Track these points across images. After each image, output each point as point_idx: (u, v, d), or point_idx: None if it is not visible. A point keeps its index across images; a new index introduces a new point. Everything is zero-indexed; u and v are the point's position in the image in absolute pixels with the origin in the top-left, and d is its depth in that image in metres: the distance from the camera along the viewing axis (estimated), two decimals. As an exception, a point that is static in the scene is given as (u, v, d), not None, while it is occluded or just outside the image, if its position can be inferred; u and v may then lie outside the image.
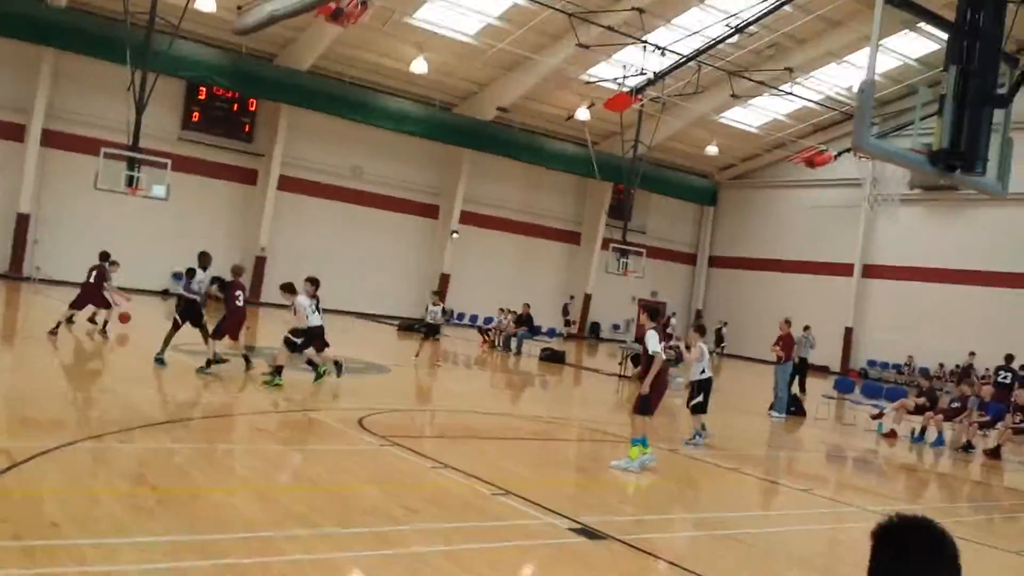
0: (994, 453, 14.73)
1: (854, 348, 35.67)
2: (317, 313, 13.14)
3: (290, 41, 29.08)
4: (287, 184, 31.22)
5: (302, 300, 13.09)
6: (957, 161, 6.44)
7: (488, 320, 29.24)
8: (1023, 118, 10.50)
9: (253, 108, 31.18)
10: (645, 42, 26.47)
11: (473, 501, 7.35)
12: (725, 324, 37.93)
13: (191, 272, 13.33)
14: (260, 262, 30.46)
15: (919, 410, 15.96)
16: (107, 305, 16.40)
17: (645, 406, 9.49)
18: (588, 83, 30.83)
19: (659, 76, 27.72)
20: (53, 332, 14.75)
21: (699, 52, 27.17)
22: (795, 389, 18.76)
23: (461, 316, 33.44)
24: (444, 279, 34.55)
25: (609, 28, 26.10)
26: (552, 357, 24.19)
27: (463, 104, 33.52)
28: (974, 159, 6.44)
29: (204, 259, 13.45)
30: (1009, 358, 19.99)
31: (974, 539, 8.45)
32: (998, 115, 6.95)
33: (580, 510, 7.34)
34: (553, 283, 38.54)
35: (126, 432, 8.19)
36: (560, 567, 6.02)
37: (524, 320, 26.97)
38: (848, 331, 35.50)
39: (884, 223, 34.94)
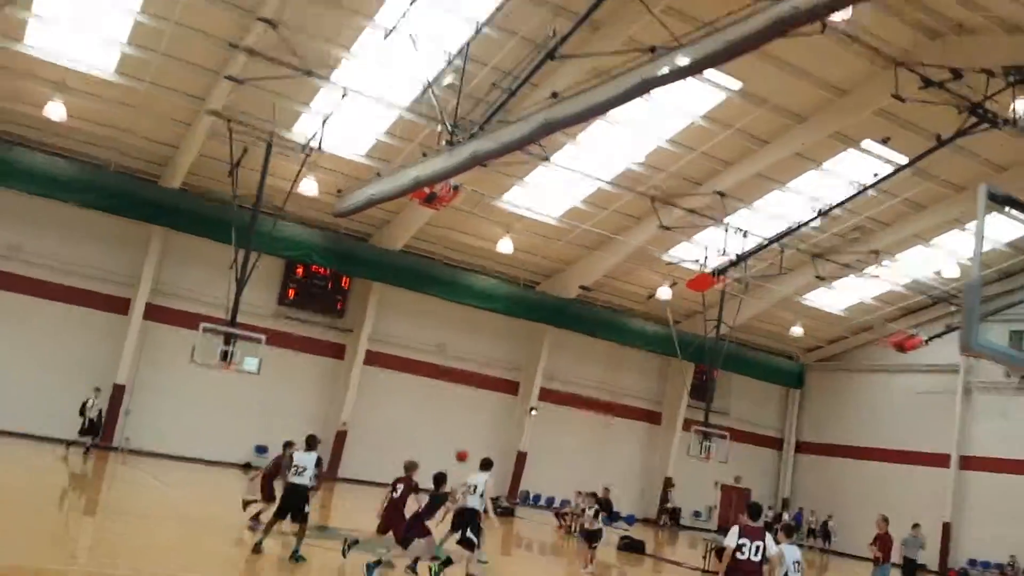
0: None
1: (953, 546, 33.09)
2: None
3: (384, 222, 30.38)
4: (373, 359, 31.72)
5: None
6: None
7: (564, 503, 28.30)
8: None
9: (346, 285, 32.24)
10: (727, 224, 26.87)
11: None
12: (831, 517, 36.00)
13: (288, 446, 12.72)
14: (340, 436, 30.55)
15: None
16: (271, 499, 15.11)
17: None
18: (670, 263, 31.18)
19: (741, 258, 27.95)
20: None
21: (782, 235, 27.43)
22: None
23: (537, 498, 32.56)
24: (520, 457, 33.93)
25: (691, 211, 26.64)
26: (631, 546, 23.01)
27: (546, 282, 34.14)
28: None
29: (311, 441, 12.74)
30: None
31: None
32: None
33: None
34: (632, 464, 37.41)
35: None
36: None
37: (604, 505, 25.97)
38: (946, 527, 33.08)
39: (981, 412, 33.31)
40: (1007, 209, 7.66)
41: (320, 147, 23.88)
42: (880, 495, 32.61)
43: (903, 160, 24.49)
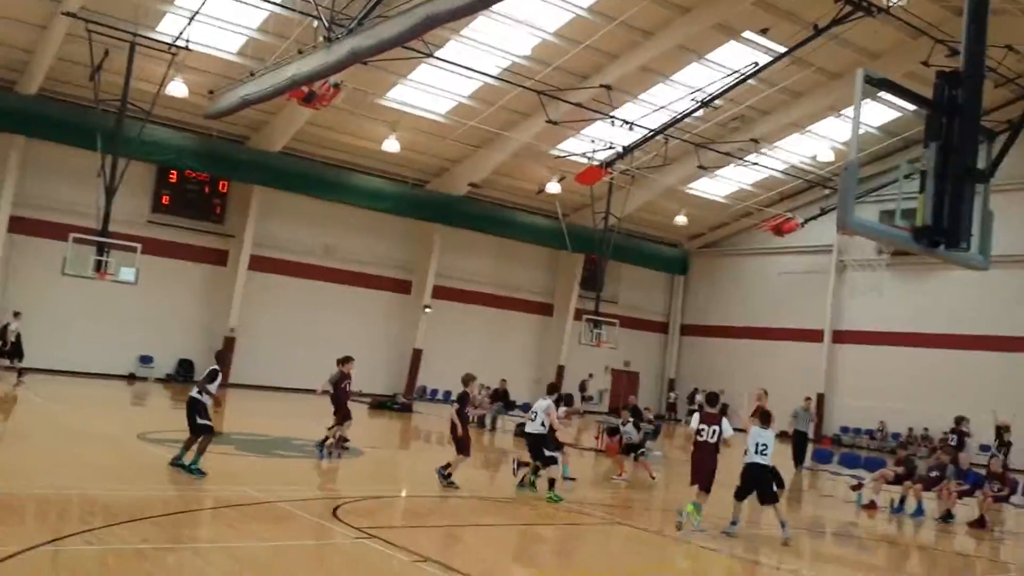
0: (979, 523, 14.51)
1: (826, 415, 35.57)
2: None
3: (262, 124, 29.24)
4: (258, 264, 30.98)
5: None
6: (941, 237, 6.43)
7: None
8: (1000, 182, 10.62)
9: (225, 190, 31.12)
10: (613, 117, 26.97)
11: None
12: (696, 391, 38.07)
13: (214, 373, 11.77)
14: (229, 343, 30.01)
15: (898, 480, 15.77)
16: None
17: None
18: (558, 157, 31.24)
19: (628, 150, 28.23)
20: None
21: (666, 126, 27.77)
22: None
23: (435, 392, 33.07)
24: (416, 354, 34.23)
25: (578, 105, 26.56)
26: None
27: (435, 180, 33.75)
28: (957, 235, 6.43)
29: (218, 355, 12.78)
30: (959, 420, 19.36)
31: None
32: (979, 188, 6.98)
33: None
34: (526, 355, 38.31)
35: (92, 532, 7.78)
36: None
37: (499, 395, 26.66)
38: (820, 397, 35.48)
39: (860, 288, 35.33)
40: (880, 94, 7.96)
41: (188, 46, 22.58)
42: (761, 371, 34.45)
43: (782, 50, 24.92)
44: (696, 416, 11.38)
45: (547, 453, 12.65)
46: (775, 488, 11.12)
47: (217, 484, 10.98)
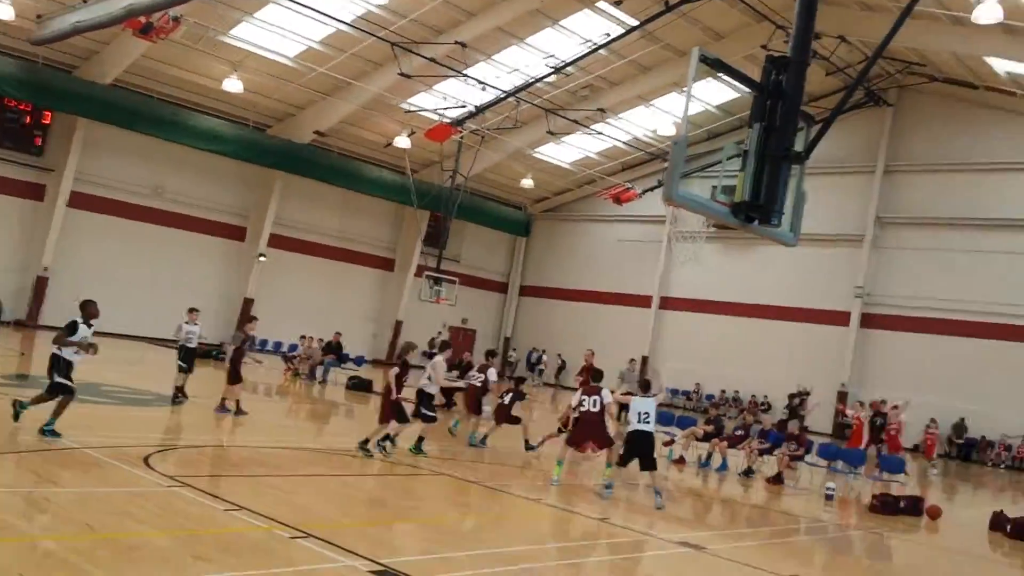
0: (776, 479, 15.74)
1: (648, 375, 37.36)
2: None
3: (92, 53, 27.19)
4: (79, 201, 28.92)
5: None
6: (756, 213, 6.80)
7: (293, 348, 28.22)
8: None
9: (47, 121, 28.80)
10: (467, 76, 26.82)
11: (269, 545, 6.95)
12: (544, 352, 39.06)
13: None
14: (41, 282, 27.99)
15: (706, 437, 16.83)
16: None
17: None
18: (409, 112, 30.79)
19: (479, 109, 28.18)
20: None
21: (518, 89, 27.88)
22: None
23: (264, 343, 32.11)
24: (247, 303, 33.09)
25: (431, 60, 26.22)
26: (359, 386, 23.56)
27: (278, 126, 32.48)
28: (771, 211, 6.82)
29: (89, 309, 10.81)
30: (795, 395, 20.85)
31: (754, 564, 8.90)
32: (794, 170, 7.42)
33: (382, 551, 7.11)
34: (364, 309, 37.89)
35: None
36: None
37: (333, 348, 26.26)
38: (644, 360, 37.16)
39: (682, 258, 37.14)
40: (720, 74, 8.33)
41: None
42: (593, 334, 35.75)
43: (634, 22, 25.49)
44: (579, 392, 12.42)
45: (424, 412, 13.02)
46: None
47: (18, 430, 10.24)
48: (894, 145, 32.24)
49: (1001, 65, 26.90)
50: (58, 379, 10.39)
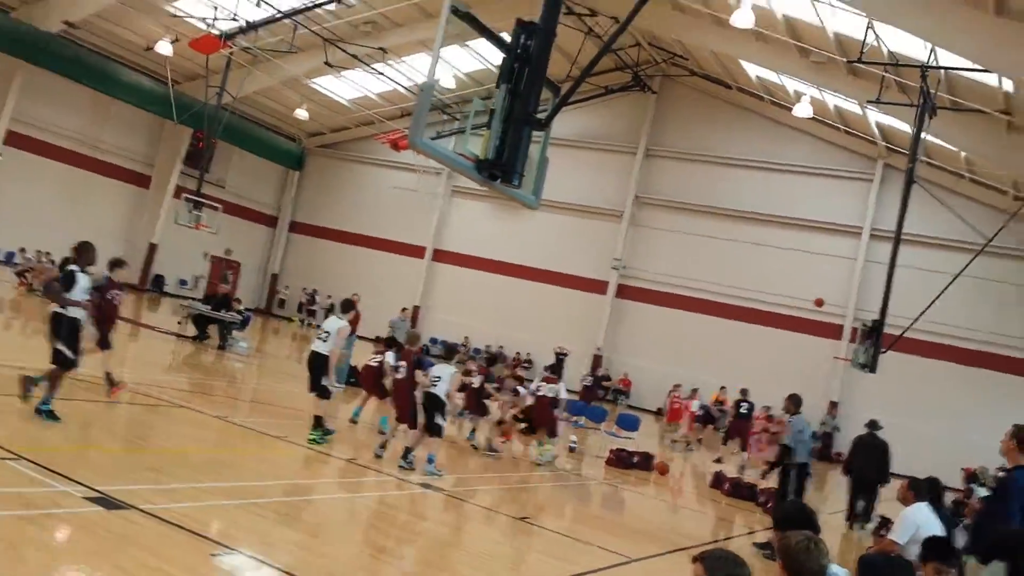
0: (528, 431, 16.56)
1: (419, 325, 37.89)
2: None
3: None
4: None
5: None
6: (498, 171, 7.10)
7: (10, 256, 25.71)
8: (560, 136, 11.86)
9: None
10: (241, -12, 25.36)
11: (-27, 467, 6.45)
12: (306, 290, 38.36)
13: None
14: None
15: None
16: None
17: None
18: (175, 16, 28.55)
19: (252, 26, 26.78)
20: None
21: (296, 11, 26.75)
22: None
23: (-8, 253, 29.10)
24: (-24, 209, 29.68)
25: (203, -38, 24.50)
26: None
27: (23, 8, 28.97)
28: (511, 172, 7.15)
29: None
30: (744, 392, 21.57)
31: (489, 506, 9.49)
32: (538, 135, 7.81)
33: (103, 478, 6.83)
34: (114, 227, 35.12)
35: None
36: (54, 536, 5.53)
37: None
38: (416, 309, 37.62)
39: (455, 212, 37.75)
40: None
41: None
42: (365, 279, 35.54)
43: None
44: (391, 355, 12.37)
45: (325, 384, 10.96)
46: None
47: None
48: (655, 130, 34.46)
49: (753, 69, 29.45)
50: (58, 346, 8.69)
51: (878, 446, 13.90)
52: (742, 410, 20.26)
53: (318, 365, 10.89)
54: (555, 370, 30.75)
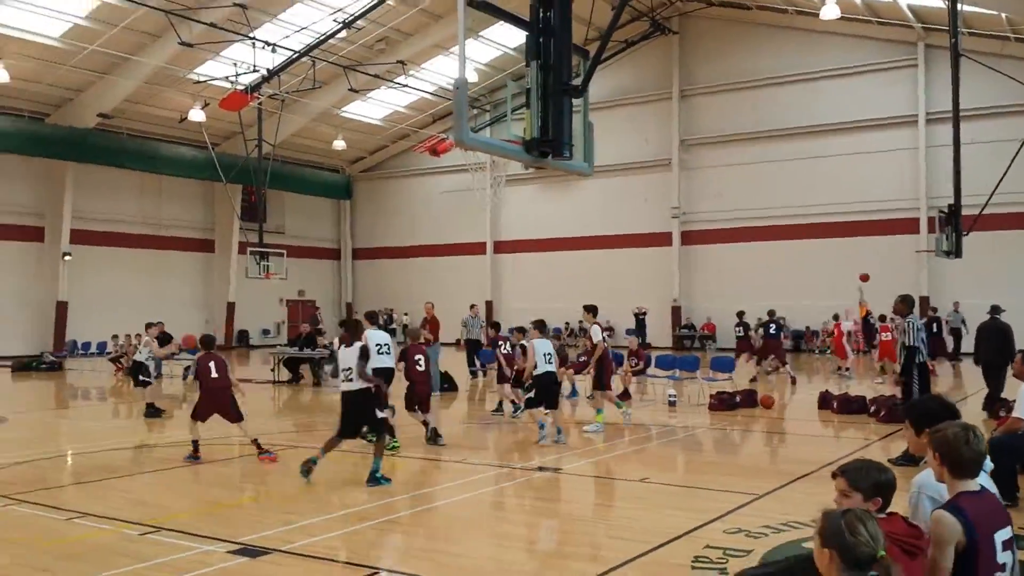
0: (624, 395, 16.64)
1: (496, 317, 38.13)
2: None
3: None
4: None
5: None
6: (547, 148, 7.16)
7: (102, 347, 26.88)
8: (594, 100, 11.82)
9: None
10: (253, 39, 25.86)
11: (119, 546, 6.81)
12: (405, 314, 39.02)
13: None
14: None
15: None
16: None
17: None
18: (199, 82, 29.38)
19: (273, 73, 27.27)
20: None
21: (310, 48, 27.16)
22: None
23: (87, 346, 30.35)
24: (61, 307, 31.05)
25: (212, 25, 25.08)
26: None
27: (57, 113, 30.19)
28: (560, 145, 7.20)
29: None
30: (771, 312, 21.90)
31: (607, 475, 9.57)
32: (578, 103, 7.82)
33: (239, 531, 7.12)
34: (192, 295, 36.38)
35: None
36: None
37: (163, 341, 25.10)
38: (488, 304, 37.92)
39: (507, 202, 37.88)
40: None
41: None
42: (434, 285, 36.02)
43: (415, -31, 25.31)
44: (402, 351, 12.28)
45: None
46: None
47: None
48: (685, 70, 33.96)
49: (769, -18, 28.76)
50: (382, 414, 9.83)
51: (1001, 329, 13.73)
52: (771, 330, 20.81)
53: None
54: (638, 330, 30.88)
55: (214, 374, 10.78)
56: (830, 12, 26.49)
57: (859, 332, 25.47)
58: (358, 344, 9.22)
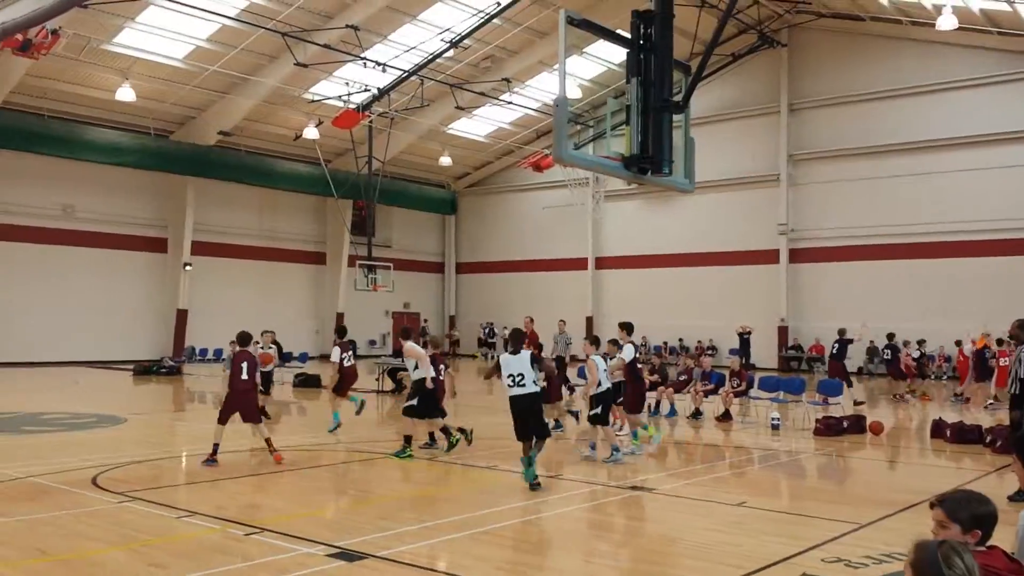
0: (725, 416, 16.36)
1: (598, 333, 37.95)
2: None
3: (-28, 77, 26.27)
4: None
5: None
6: (647, 164, 7.12)
7: (218, 353, 28.07)
8: (699, 115, 11.65)
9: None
10: (365, 59, 26.69)
11: (225, 545, 7.11)
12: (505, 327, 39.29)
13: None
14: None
15: (653, 386, 17.35)
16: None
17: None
18: (313, 102, 30.53)
19: (383, 92, 28.11)
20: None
21: (419, 67, 27.84)
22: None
23: (204, 352, 31.79)
24: (181, 315, 32.66)
25: (326, 46, 26.01)
26: (307, 382, 23.69)
27: (180, 130, 31.88)
28: (660, 161, 7.15)
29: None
30: (842, 332, 21.33)
31: (703, 497, 9.41)
32: (679, 119, 7.77)
33: (338, 535, 7.32)
34: (303, 306, 37.69)
35: None
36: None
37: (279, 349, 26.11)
38: (589, 320, 37.79)
39: (609, 218, 37.73)
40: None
41: None
42: (535, 300, 36.17)
43: (520, -12, 25.60)
44: (428, 360, 12.08)
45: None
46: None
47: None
48: (794, 84, 33.13)
49: (884, -6, 27.82)
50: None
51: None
52: (834, 351, 20.57)
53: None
54: (742, 350, 30.11)
55: (244, 376, 11.08)
56: (947, 22, 25.41)
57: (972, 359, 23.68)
58: (526, 352, 9.92)
